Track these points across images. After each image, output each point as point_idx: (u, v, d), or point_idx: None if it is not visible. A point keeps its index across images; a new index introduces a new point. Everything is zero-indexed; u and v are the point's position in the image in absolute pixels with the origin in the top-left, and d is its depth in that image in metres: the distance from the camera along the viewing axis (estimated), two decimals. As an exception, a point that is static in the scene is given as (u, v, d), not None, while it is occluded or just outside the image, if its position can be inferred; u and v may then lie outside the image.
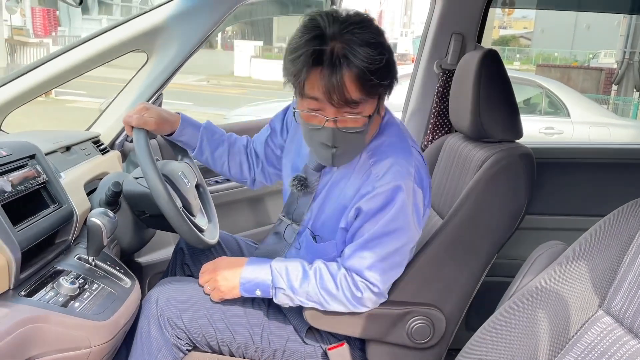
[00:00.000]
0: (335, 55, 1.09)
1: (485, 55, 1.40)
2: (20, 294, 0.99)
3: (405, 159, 1.22)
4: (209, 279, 1.30)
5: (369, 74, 1.09)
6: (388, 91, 1.19)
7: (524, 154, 1.35)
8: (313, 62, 1.09)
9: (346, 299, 1.24)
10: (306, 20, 1.15)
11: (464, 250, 1.32)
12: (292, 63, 1.12)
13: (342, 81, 1.08)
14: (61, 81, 1.73)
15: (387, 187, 1.19)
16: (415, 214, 1.23)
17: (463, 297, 1.36)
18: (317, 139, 1.19)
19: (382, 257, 1.22)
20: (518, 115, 1.42)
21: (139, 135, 1.32)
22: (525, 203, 1.34)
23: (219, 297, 1.29)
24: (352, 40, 1.09)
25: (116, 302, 1.13)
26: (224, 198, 2.14)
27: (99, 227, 1.12)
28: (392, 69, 1.16)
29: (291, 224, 1.37)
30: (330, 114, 1.14)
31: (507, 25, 31.70)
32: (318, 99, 1.13)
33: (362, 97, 1.12)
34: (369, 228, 1.21)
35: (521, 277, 1.07)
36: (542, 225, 1.83)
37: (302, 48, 1.11)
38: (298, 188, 1.32)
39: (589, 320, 0.92)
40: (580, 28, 22.44)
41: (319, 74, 1.10)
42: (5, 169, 1.06)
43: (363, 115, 1.15)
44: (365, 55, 1.08)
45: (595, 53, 18.26)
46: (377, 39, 1.12)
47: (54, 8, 19.32)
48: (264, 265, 1.28)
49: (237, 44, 18.70)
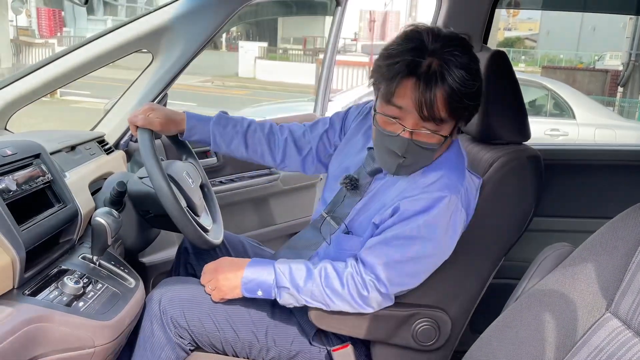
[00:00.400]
0: (432, 71, 1.11)
1: (493, 56, 1.39)
2: (25, 293, 0.99)
3: (457, 176, 1.24)
4: (211, 279, 1.30)
5: (459, 96, 1.12)
6: (469, 117, 1.21)
7: (532, 156, 1.34)
8: (409, 71, 1.12)
9: (351, 297, 1.23)
10: (408, 30, 1.18)
11: (471, 252, 1.31)
12: (388, 68, 1.14)
13: (435, 97, 1.11)
14: (66, 81, 1.73)
15: (432, 194, 1.19)
16: (451, 231, 1.22)
17: (469, 299, 1.35)
18: (388, 145, 1.20)
19: (399, 259, 1.21)
20: (526, 117, 1.41)
21: (143, 135, 1.32)
22: (533, 205, 1.33)
23: (219, 297, 1.29)
24: (450, 60, 1.12)
25: (120, 302, 1.12)
26: (228, 198, 2.13)
27: (103, 227, 1.12)
28: (480, 96, 1.19)
29: (330, 221, 1.38)
30: (409, 124, 1.16)
31: (512, 27, 31.65)
32: (403, 107, 1.15)
33: (447, 116, 1.14)
34: (399, 227, 1.21)
35: (528, 279, 1.06)
36: (550, 227, 1.81)
37: (401, 56, 1.13)
38: (348, 187, 1.35)
39: (596, 323, 0.91)
40: (586, 30, 22.38)
41: (412, 85, 1.12)
42: (10, 168, 1.06)
43: (440, 133, 1.17)
44: (460, 78, 1.11)
45: (601, 55, 18.21)
46: (473, 65, 1.15)
47: (59, 9, 19.40)
48: (267, 266, 1.28)
49: (242, 45, 18.72)
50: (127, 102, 1.82)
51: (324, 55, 2.52)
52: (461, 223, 1.25)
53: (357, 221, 1.33)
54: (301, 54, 19.07)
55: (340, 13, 2.39)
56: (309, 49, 20.13)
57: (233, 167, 2.23)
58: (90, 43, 1.71)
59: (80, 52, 1.70)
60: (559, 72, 12.86)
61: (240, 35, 25.38)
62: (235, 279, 1.27)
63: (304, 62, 17.89)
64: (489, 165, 1.34)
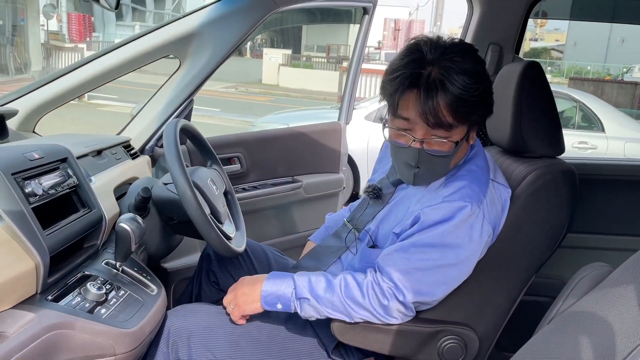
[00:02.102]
0: (431, 80, 1.12)
1: (527, 67, 1.35)
2: (48, 298, 0.98)
3: (480, 187, 1.22)
4: (231, 298, 1.28)
5: (462, 102, 1.12)
6: (481, 120, 1.20)
7: (566, 170, 1.29)
8: (409, 84, 1.13)
9: (373, 307, 1.20)
10: (410, 43, 1.19)
11: (501, 268, 1.27)
12: (389, 83, 1.17)
13: (438, 105, 1.12)
14: (94, 86, 1.75)
15: (452, 204, 1.18)
16: (472, 242, 1.19)
17: (498, 317, 1.30)
18: (401, 157, 1.22)
19: (417, 267, 1.18)
20: (561, 130, 1.37)
21: (169, 140, 1.31)
22: (567, 221, 1.28)
23: (239, 313, 1.27)
24: (450, 67, 1.12)
25: (142, 310, 1.11)
26: (251, 206, 2.12)
27: (127, 233, 1.11)
28: (488, 98, 1.18)
29: (352, 229, 1.38)
30: (418, 134, 1.17)
31: (538, 38, 31.33)
32: (409, 119, 1.16)
33: (454, 122, 1.14)
34: (418, 236, 1.19)
35: (563, 300, 1.02)
36: (583, 244, 1.75)
37: (401, 70, 1.15)
38: (370, 195, 1.36)
39: (635, 350, 0.87)
40: (614, 41, 22.03)
41: (414, 96, 1.14)
42: (37, 171, 1.06)
43: (450, 140, 1.17)
44: (462, 83, 1.11)
45: (630, 67, 17.87)
46: (475, 68, 1.15)
47: (89, 14, 19.85)
48: (286, 278, 1.25)
49: (266, 52, 18.88)
50: (153, 107, 1.83)
51: (349, 62, 2.51)
52: (484, 235, 1.21)
53: (381, 234, 1.32)
54: (324, 62, 19.16)
55: (368, 21, 2.38)
56: (333, 56, 20.22)
57: (257, 174, 2.22)
58: (118, 49, 1.72)
59: (108, 57, 1.72)
60: (587, 84, 12.65)
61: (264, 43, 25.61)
62: (253, 293, 1.25)
63: (327, 69, 17.96)
64: (521, 179, 1.29)
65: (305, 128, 2.41)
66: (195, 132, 1.51)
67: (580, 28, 22.98)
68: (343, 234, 1.42)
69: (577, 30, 23.46)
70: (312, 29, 24.54)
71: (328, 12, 4.17)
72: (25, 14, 13.44)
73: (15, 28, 13.51)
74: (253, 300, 1.25)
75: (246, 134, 2.39)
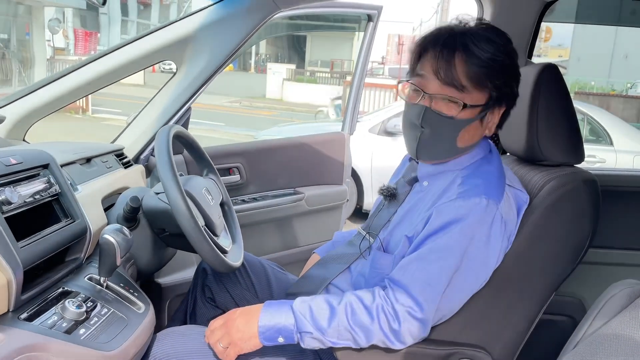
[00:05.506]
0: (453, 36, 1.13)
1: (544, 69, 1.26)
2: (20, 317, 0.89)
3: (497, 187, 1.15)
4: (221, 336, 1.14)
5: (478, 63, 1.11)
6: (496, 94, 1.15)
7: (588, 180, 1.20)
8: (434, 43, 1.15)
9: (382, 332, 1.10)
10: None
11: (517, 285, 1.17)
12: (417, 45, 1.20)
13: (453, 60, 1.12)
14: (86, 92, 1.68)
15: (468, 200, 1.11)
16: (491, 242, 1.11)
17: (514, 338, 1.20)
18: (409, 117, 1.20)
19: (438, 274, 1.09)
20: (580, 136, 1.27)
21: (160, 146, 1.22)
22: (589, 234, 1.18)
23: (235, 352, 1.14)
24: (476, 33, 1.14)
25: (126, 330, 1.01)
26: (250, 218, 2.04)
27: (111, 245, 1.02)
28: (508, 75, 1.16)
29: (366, 235, 1.31)
30: (429, 89, 1.15)
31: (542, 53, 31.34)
32: (424, 75, 1.16)
33: (468, 83, 1.12)
34: (433, 240, 1.11)
35: (590, 321, 0.92)
36: (606, 260, 1.64)
37: (429, 35, 1.18)
38: (385, 193, 1.32)
39: (676, 377, 0.77)
40: (618, 57, 22.02)
41: (433, 53, 1.15)
42: (13, 178, 0.98)
43: (460, 101, 1.13)
44: (482, 47, 1.11)
45: (633, 83, 17.81)
46: (500, 41, 1.15)
47: (95, 31, 20.05)
48: (284, 308, 1.13)
49: (270, 67, 18.96)
50: (149, 115, 1.75)
51: (353, 73, 2.45)
52: (502, 237, 1.13)
53: (394, 239, 1.23)
54: (328, 77, 19.20)
55: (372, 28, 2.31)
56: (336, 71, 20.28)
57: (257, 185, 2.14)
58: (111, 54, 1.65)
59: (100, 63, 1.64)
60: (592, 98, 12.56)
61: (268, 57, 25.74)
62: (250, 329, 1.12)
63: (331, 84, 17.99)
64: (539, 189, 1.20)
65: (308, 138, 2.33)
66: (189, 139, 1.43)
67: (583, 44, 22.96)
68: (357, 242, 1.34)
69: (581, 46, 23.43)
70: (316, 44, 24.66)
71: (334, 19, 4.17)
72: (31, 28, 13.52)
73: (21, 42, 13.59)
74: (250, 337, 1.13)
75: (246, 144, 2.32)
